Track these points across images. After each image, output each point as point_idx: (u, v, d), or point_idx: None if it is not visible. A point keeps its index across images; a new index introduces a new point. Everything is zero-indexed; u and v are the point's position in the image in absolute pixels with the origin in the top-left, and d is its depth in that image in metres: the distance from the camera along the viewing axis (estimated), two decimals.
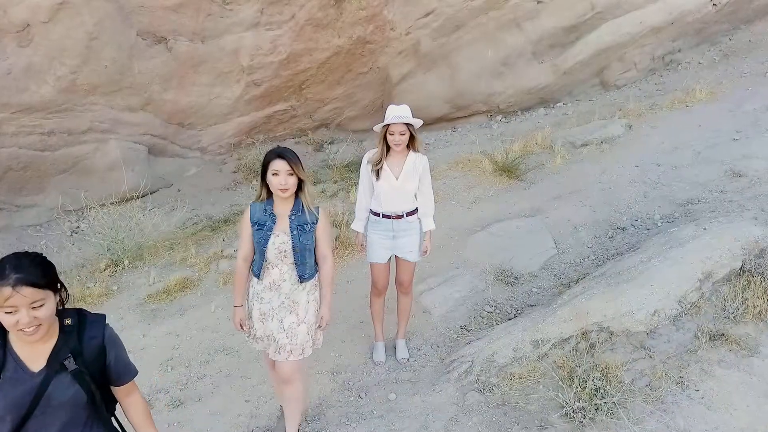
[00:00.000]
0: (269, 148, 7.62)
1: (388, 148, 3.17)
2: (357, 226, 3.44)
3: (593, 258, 4.47)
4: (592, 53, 8.67)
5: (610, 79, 9.11)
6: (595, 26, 8.60)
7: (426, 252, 3.42)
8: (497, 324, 3.74)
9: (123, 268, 5.03)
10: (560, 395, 2.97)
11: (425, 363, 3.55)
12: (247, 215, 2.64)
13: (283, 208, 2.59)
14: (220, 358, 3.77)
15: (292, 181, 2.50)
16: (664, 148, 6.18)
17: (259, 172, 2.62)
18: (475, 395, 3.14)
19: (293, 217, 2.57)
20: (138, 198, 6.14)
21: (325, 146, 8.13)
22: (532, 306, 3.98)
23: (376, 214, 3.28)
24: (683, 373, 3.08)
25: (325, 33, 7.15)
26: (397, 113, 3.09)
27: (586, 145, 6.59)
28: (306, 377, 2.81)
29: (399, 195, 3.20)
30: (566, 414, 2.91)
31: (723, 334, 3.28)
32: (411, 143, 3.19)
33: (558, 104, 8.96)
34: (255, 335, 2.71)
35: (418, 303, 4.17)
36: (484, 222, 5.27)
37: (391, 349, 3.69)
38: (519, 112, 8.84)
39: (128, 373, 1.70)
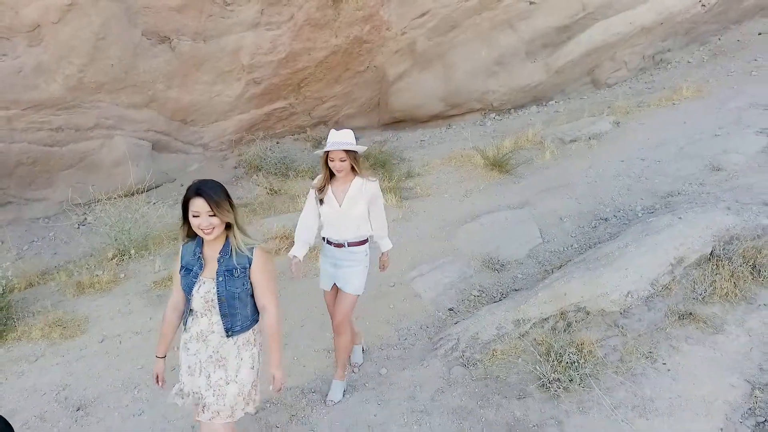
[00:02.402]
0: (269, 144, 7.84)
1: (333, 174, 3.03)
2: (293, 250, 3.12)
3: (576, 246, 4.71)
4: (583, 53, 8.90)
5: (602, 77, 9.34)
6: (586, 26, 8.82)
7: (385, 267, 3.34)
8: (483, 306, 3.98)
9: (129, 257, 5.26)
10: (538, 368, 3.22)
11: (415, 342, 3.79)
12: (179, 257, 2.34)
13: (211, 250, 2.27)
14: None
15: (217, 221, 2.16)
16: (649, 144, 6.42)
17: (181, 208, 2.25)
18: (459, 369, 3.38)
19: (221, 260, 2.24)
20: (143, 192, 6.39)
21: (323, 143, 8.36)
22: (516, 290, 4.22)
23: (323, 239, 3.15)
24: (652, 349, 3.32)
25: (323, 33, 7.38)
26: (337, 139, 2.94)
27: (575, 141, 6.83)
28: None
29: (342, 221, 3.04)
30: (543, 385, 3.15)
31: (691, 314, 3.52)
32: (356, 168, 3.01)
33: (550, 102, 9.19)
34: (182, 389, 2.36)
35: (410, 288, 4.41)
36: (475, 214, 5.51)
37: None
38: (512, 110, 9.08)
39: None
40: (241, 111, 7.67)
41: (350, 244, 3.08)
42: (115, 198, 5.79)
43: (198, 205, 2.15)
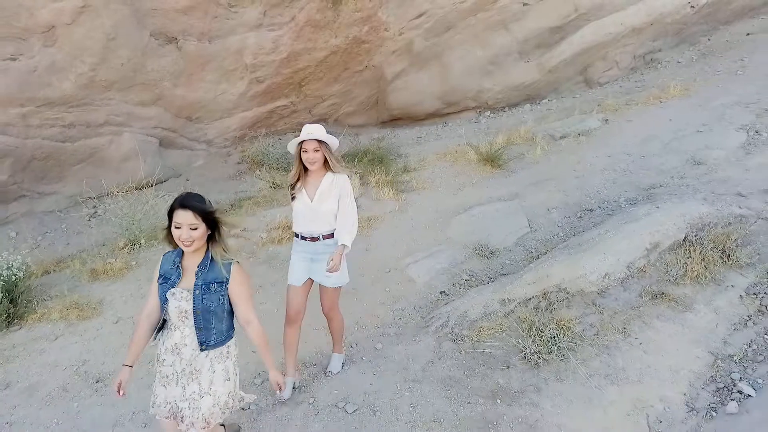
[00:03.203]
0: (271, 141, 8.11)
1: (306, 169, 3.12)
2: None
3: (562, 235, 5.00)
4: (575, 52, 9.17)
5: (594, 76, 9.61)
6: (578, 27, 9.09)
7: (332, 268, 3.01)
8: (472, 289, 4.27)
9: (140, 247, 5.55)
10: (521, 342, 3.51)
11: (408, 321, 4.08)
12: (158, 265, 2.39)
13: (191, 261, 2.32)
14: None
15: (197, 235, 2.23)
16: (636, 140, 6.70)
17: (167, 216, 2.29)
18: (449, 344, 3.67)
19: (199, 273, 2.29)
20: (151, 186, 6.66)
21: None
22: (504, 275, 4.50)
23: (296, 235, 3.21)
24: (626, 325, 3.61)
25: (323, 33, 7.66)
26: (310, 131, 3.05)
27: (565, 137, 7.11)
28: None
29: (314, 215, 3.10)
30: (525, 357, 3.44)
31: (663, 294, 3.81)
32: (328, 164, 3.11)
33: (544, 100, 9.47)
34: (155, 401, 2.41)
35: (405, 273, 4.70)
36: (467, 205, 5.79)
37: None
38: (506, 108, 9.35)
39: None
40: (244, 109, 7.94)
41: (325, 237, 3.13)
42: (125, 191, 6.07)
43: (181, 216, 2.21)
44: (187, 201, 2.24)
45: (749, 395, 3.04)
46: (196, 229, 2.22)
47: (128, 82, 6.62)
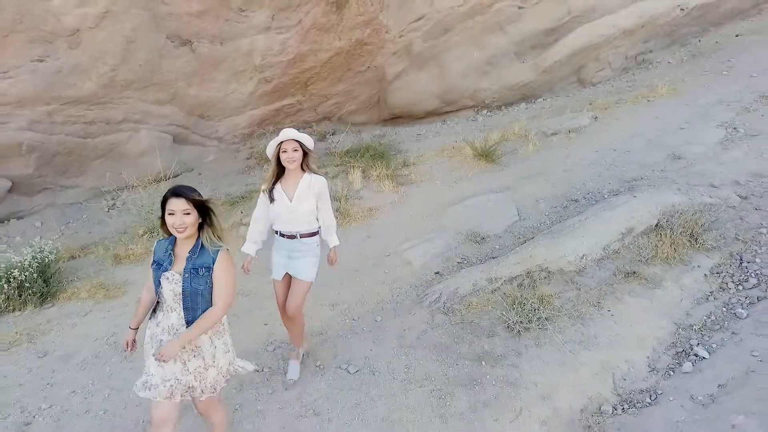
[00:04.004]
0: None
1: (283, 171, 3.27)
2: (246, 247, 3.43)
3: (548, 223, 5.40)
4: (569, 53, 9.56)
5: (587, 76, 10.00)
6: (572, 29, 9.49)
7: (333, 262, 3.52)
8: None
9: (158, 235, 5.96)
10: (505, 314, 3.92)
11: (405, 297, 4.50)
12: (152, 252, 2.59)
13: (183, 248, 2.47)
14: (240, 299, 4.71)
15: (189, 221, 2.37)
16: (622, 137, 7.09)
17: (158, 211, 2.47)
18: (441, 316, 4.09)
19: (190, 258, 2.44)
20: (167, 180, 7.11)
21: (327, 136, 9.08)
22: (494, 258, 4.91)
23: (276, 232, 3.37)
24: (600, 299, 4.02)
25: (328, 36, 8.09)
26: (288, 132, 3.23)
27: (556, 134, 7.51)
28: (225, 406, 2.99)
29: (294, 216, 3.26)
30: (508, 326, 3.85)
31: (635, 272, 4.22)
32: (305, 164, 3.28)
33: (539, 100, 9.86)
34: (149, 382, 2.48)
35: (403, 257, 5.12)
36: (462, 197, 6.20)
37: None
38: (503, 107, 9.75)
39: None
40: (252, 107, 8.37)
41: (302, 236, 3.31)
42: (145, 185, 6.52)
43: (174, 204, 2.35)
44: (179, 189, 2.41)
45: (703, 357, 3.45)
46: (188, 214, 2.36)
47: (145, 82, 7.07)
